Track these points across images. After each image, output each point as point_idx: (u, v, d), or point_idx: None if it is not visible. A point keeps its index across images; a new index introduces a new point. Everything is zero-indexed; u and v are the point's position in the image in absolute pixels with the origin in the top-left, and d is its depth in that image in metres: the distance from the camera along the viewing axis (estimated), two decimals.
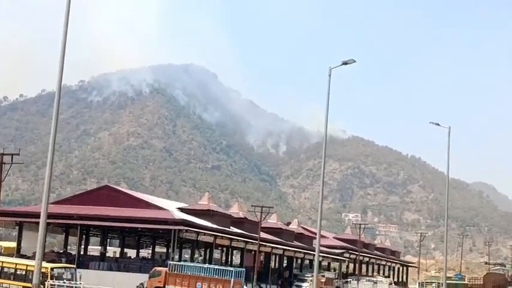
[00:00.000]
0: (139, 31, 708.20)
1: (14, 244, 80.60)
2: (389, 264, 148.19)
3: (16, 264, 55.92)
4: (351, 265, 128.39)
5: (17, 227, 78.74)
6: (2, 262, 54.83)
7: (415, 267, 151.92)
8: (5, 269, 54.76)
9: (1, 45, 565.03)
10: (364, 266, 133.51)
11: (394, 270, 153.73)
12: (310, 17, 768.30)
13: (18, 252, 73.45)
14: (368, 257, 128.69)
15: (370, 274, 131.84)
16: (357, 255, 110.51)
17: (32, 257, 55.27)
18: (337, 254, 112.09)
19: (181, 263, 64.22)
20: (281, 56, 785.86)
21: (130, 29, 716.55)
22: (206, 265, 62.70)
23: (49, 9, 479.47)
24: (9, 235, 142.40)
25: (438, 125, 65.48)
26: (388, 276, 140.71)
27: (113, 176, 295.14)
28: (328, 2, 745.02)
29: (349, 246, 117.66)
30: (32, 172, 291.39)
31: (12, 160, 47.14)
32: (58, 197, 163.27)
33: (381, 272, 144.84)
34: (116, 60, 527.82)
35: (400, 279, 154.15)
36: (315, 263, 47.49)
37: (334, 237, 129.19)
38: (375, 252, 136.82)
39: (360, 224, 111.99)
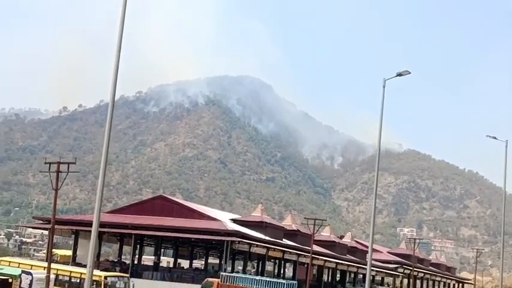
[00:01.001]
0: (195, 42, 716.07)
1: (70, 252, 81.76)
2: (444, 280, 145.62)
3: (71, 272, 56.67)
4: (405, 280, 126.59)
5: (73, 236, 79.84)
6: (57, 270, 55.53)
7: (471, 284, 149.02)
8: (60, 277, 55.47)
9: (60, 56, 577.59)
10: (418, 282, 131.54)
11: (449, 287, 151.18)
12: (363, 26, 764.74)
13: (73, 261, 74.51)
14: (423, 272, 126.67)
15: None
16: (411, 270, 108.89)
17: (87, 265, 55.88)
18: (391, 269, 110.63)
19: (234, 274, 64.22)
20: (334, 66, 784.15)
21: (187, 41, 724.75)
22: (258, 277, 62.58)
23: (108, 19, 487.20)
24: (66, 243, 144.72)
25: (495, 138, 63.92)
26: None
27: (168, 186, 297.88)
28: (380, 11, 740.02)
29: (404, 261, 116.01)
30: (90, 182, 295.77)
31: (68, 169, 47.71)
32: (114, 207, 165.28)
33: None
34: (172, 71, 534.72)
35: None
36: (367, 278, 46.94)
37: (389, 252, 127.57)
38: (430, 268, 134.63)
39: (415, 239, 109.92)
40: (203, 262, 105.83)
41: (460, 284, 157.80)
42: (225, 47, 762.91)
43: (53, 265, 52.39)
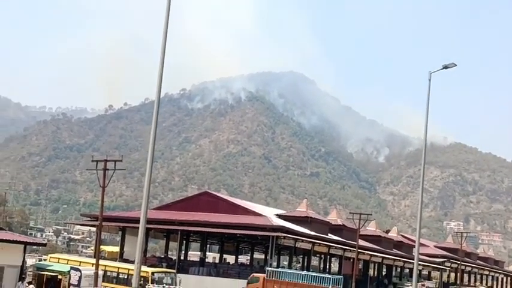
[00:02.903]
0: (237, 38, 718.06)
1: (117, 249, 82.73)
2: (492, 274, 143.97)
3: (118, 268, 57.48)
4: (452, 275, 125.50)
5: (120, 232, 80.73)
6: (105, 266, 56.38)
7: None
8: (108, 273, 56.31)
9: (106, 55, 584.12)
10: (466, 276, 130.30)
11: (497, 281, 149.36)
12: (404, 17, 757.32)
13: (121, 257, 75.33)
14: (470, 266, 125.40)
15: (472, 284, 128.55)
16: (458, 264, 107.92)
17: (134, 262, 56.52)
18: (438, 263, 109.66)
19: (279, 269, 64.33)
20: (376, 59, 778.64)
21: (228, 37, 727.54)
22: (304, 272, 62.55)
23: (149, 19, 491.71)
24: (114, 240, 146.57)
25: None
26: (491, 287, 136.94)
27: (213, 182, 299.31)
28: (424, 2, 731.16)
29: (451, 255, 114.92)
30: (136, 179, 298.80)
31: (115, 166, 48.31)
32: (160, 203, 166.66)
33: (484, 282, 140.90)
34: (215, 68, 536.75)
35: None
36: (414, 272, 46.67)
37: (435, 246, 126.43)
38: (478, 261, 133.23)
39: (462, 233, 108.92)
40: (249, 257, 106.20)
41: (509, 278, 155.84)
42: (267, 42, 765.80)
43: (101, 261, 53.14)
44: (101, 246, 72.34)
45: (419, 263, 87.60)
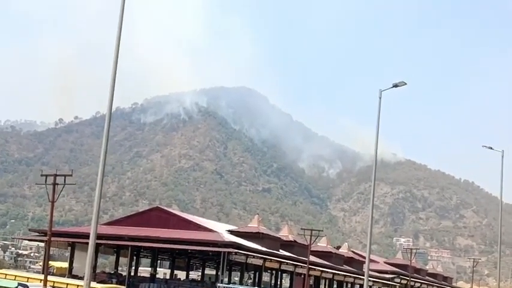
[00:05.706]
0: (190, 53, 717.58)
1: (66, 264, 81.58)
2: None
3: (67, 284, 56.54)
4: None
5: (69, 248, 79.64)
6: (54, 282, 55.39)
7: None
8: None
9: (55, 69, 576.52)
10: None
11: None
12: (355, 35, 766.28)
13: (70, 273, 74.27)
14: (419, 282, 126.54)
15: None
16: (408, 280, 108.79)
17: (84, 278, 55.70)
18: (388, 279, 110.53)
19: (231, 285, 64.19)
20: (328, 77, 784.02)
21: (181, 51, 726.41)
22: None
23: (105, 30, 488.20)
24: (62, 255, 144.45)
25: (491, 148, 64.31)
26: None
27: (164, 197, 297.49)
28: (375, 20, 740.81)
29: (400, 271, 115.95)
30: (86, 193, 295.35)
31: (64, 181, 47.64)
32: (110, 218, 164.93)
33: None
34: (168, 82, 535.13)
35: None
36: None
37: (385, 262, 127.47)
38: (427, 278, 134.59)
39: (411, 249, 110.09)
40: (200, 273, 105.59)
41: None
42: (219, 58, 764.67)
43: (49, 277, 52.28)
44: (50, 262, 71.31)
45: (370, 279, 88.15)
